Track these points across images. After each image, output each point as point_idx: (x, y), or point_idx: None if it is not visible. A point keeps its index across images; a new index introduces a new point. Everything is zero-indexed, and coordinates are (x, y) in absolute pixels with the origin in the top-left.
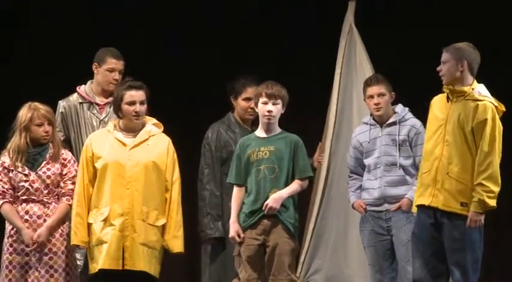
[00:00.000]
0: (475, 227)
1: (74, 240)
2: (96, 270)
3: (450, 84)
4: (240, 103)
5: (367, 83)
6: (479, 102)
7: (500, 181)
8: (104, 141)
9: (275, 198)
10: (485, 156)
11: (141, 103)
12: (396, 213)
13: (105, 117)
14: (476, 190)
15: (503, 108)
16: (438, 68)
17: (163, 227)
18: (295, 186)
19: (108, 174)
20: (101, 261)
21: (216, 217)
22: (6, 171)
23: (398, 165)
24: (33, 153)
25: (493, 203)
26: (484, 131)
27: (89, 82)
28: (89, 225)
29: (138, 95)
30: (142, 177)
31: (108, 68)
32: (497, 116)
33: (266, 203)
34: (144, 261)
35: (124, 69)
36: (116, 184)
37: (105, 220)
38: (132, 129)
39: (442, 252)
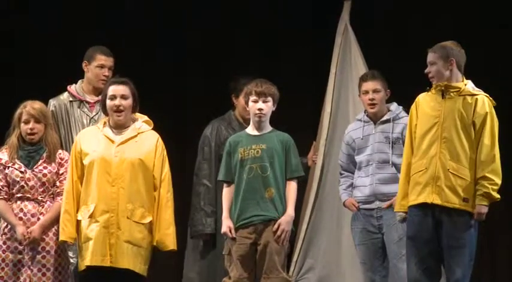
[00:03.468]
0: (480, 220)
1: (62, 236)
2: (84, 267)
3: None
4: (242, 102)
5: (363, 79)
6: (477, 97)
7: (501, 173)
8: (92, 137)
9: (287, 221)
10: (489, 150)
11: (123, 98)
12: (387, 211)
13: (95, 115)
14: (481, 183)
15: (494, 103)
16: (426, 70)
17: (151, 224)
18: (293, 194)
19: (94, 171)
20: (88, 257)
21: (210, 213)
22: (2, 167)
23: (390, 162)
24: (30, 151)
25: (497, 195)
26: (485, 124)
27: (79, 81)
28: (79, 222)
29: (119, 89)
30: (128, 175)
31: (98, 64)
32: (493, 110)
33: (279, 227)
34: (128, 259)
35: (114, 67)
36: (102, 181)
37: (91, 216)
38: (121, 126)
39: (437, 252)
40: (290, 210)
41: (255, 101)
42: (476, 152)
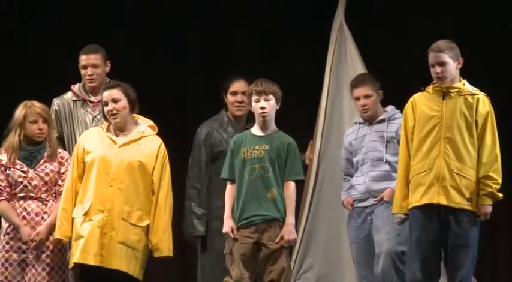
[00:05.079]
0: (486, 219)
1: (58, 234)
2: (72, 264)
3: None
4: (228, 98)
5: (352, 85)
6: (478, 96)
7: (501, 173)
8: (96, 137)
9: (289, 231)
10: (491, 149)
11: (114, 101)
12: (378, 206)
13: (98, 114)
14: (485, 183)
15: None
16: (438, 71)
17: (148, 228)
18: (291, 198)
19: (93, 170)
20: (77, 255)
21: (200, 215)
22: (3, 168)
23: (384, 160)
24: (32, 151)
25: (500, 194)
26: (487, 123)
27: (83, 81)
28: (73, 220)
29: (108, 94)
30: (127, 176)
31: (81, 65)
32: (492, 109)
33: (283, 238)
34: (121, 260)
35: (104, 61)
36: (100, 180)
37: (86, 214)
38: (123, 129)
39: (440, 252)
40: (290, 219)
41: (257, 101)
42: (478, 152)
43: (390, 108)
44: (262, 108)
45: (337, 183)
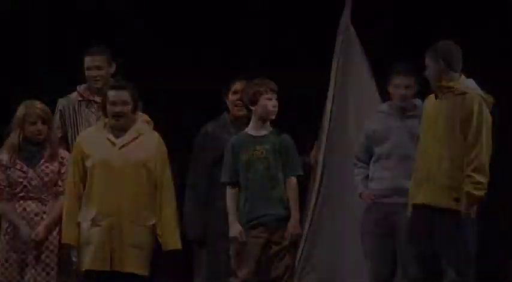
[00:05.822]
0: (468, 219)
1: (64, 239)
2: (83, 270)
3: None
4: (230, 98)
5: (397, 72)
6: (466, 95)
7: (488, 172)
8: (94, 139)
9: (294, 226)
10: (472, 148)
11: (123, 103)
12: (402, 209)
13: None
14: (464, 182)
15: (492, 100)
16: (425, 73)
17: (155, 226)
18: (293, 193)
19: (96, 174)
20: (88, 262)
21: (199, 217)
22: (3, 168)
23: (412, 157)
24: (32, 151)
25: (480, 193)
26: (471, 123)
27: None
28: (79, 224)
29: (118, 95)
30: (131, 178)
31: (86, 66)
32: (484, 107)
33: (288, 232)
34: (133, 263)
35: (108, 63)
36: (104, 184)
37: (93, 220)
38: (121, 128)
39: (434, 252)
40: (295, 214)
41: (270, 99)
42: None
43: (419, 102)
44: (275, 106)
45: (342, 185)
